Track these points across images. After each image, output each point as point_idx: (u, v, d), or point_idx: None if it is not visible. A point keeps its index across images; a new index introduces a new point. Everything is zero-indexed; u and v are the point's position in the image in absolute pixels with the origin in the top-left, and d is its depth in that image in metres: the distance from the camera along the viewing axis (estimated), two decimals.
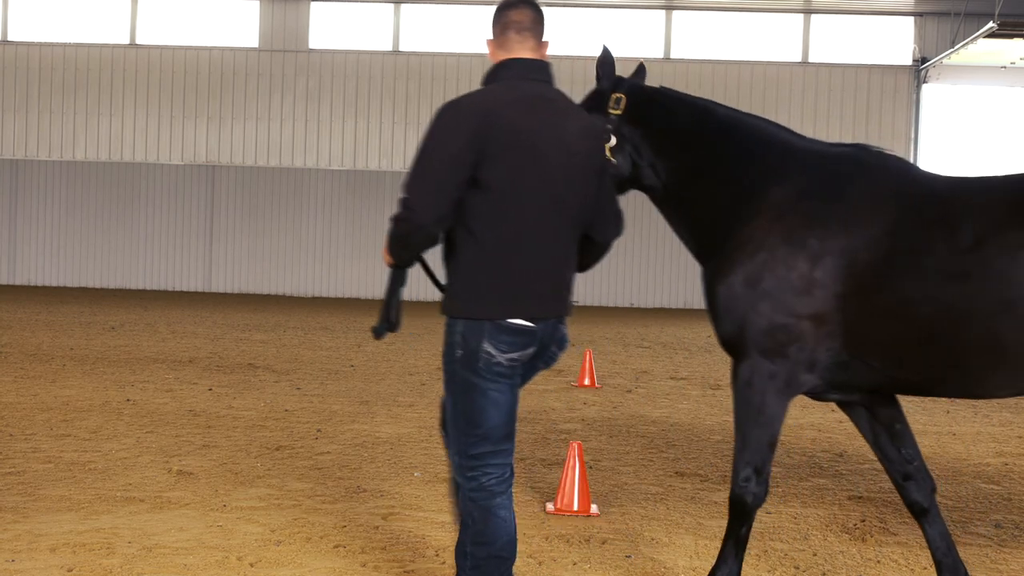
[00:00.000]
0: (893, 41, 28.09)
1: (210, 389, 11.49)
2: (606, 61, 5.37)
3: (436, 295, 4.55)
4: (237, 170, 28.00)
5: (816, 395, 5.11)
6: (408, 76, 27.91)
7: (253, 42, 28.31)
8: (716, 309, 5.06)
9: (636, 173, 5.33)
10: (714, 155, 5.24)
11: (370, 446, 8.68)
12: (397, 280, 4.56)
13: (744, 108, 5.36)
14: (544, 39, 4.53)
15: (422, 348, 16.31)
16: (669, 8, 28.03)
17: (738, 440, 4.98)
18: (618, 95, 5.31)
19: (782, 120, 24.39)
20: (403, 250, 4.43)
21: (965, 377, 4.84)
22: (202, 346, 15.65)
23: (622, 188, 5.32)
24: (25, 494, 6.84)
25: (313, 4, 28.31)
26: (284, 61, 28.00)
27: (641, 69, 5.58)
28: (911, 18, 27.85)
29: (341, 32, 28.30)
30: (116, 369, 12.77)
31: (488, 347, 4.34)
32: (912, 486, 5.20)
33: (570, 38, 28.28)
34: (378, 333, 4.61)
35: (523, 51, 4.48)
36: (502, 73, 4.47)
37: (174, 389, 11.38)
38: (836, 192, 4.97)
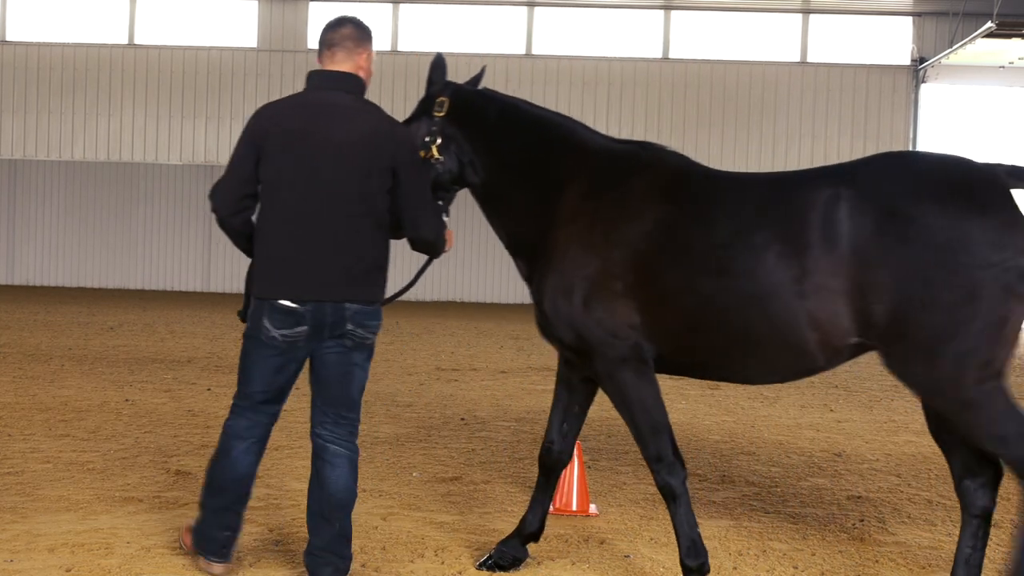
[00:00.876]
0: (891, 41, 28.11)
1: (209, 389, 11.49)
2: (437, 66, 5.72)
3: (436, 295, 4.64)
4: None
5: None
6: (407, 76, 27.88)
7: (251, 42, 28.32)
8: (549, 319, 5.39)
9: (462, 171, 5.67)
10: (520, 154, 5.60)
11: (368, 446, 8.68)
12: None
13: (743, 109, 5.44)
14: (362, 50, 5.21)
15: (420, 348, 16.31)
16: (668, 8, 28.04)
17: (634, 430, 5.37)
18: (442, 99, 5.63)
19: (781, 121, 24.52)
20: (232, 240, 5.34)
21: (727, 365, 5.22)
22: (201, 346, 15.64)
23: (453, 185, 5.70)
24: (24, 494, 6.83)
25: (311, 4, 28.32)
26: (283, 61, 28.00)
27: (481, 72, 5.96)
28: (909, 18, 27.86)
29: None
30: (115, 369, 12.76)
31: (267, 323, 5.09)
32: (551, 448, 5.72)
33: (569, 38, 28.32)
34: (241, 316, 5.38)
35: (331, 64, 5.19)
36: (307, 83, 5.23)
37: (173, 389, 11.37)
38: (618, 189, 5.32)
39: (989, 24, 22.63)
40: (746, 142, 27.35)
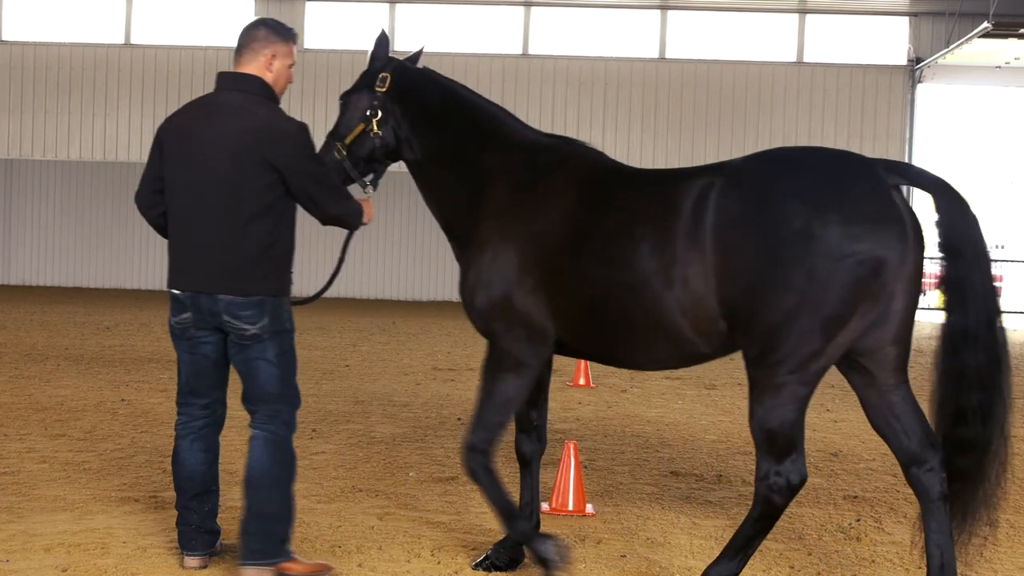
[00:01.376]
0: (888, 41, 28.14)
1: None
2: (381, 44, 5.97)
3: (432, 296, 4.67)
4: None
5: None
6: None
7: None
8: (470, 309, 5.61)
9: (399, 146, 5.87)
10: (454, 139, 5.80)
11: (365, 446, 8.68)
12: None
13: (740, 109, 5.50)
14: (268, 51, 5.40)
15: (416, 348, 16.31)
16: (664, 8, 28.05)
17: (476, 415, 5.55)
18: (384, 74, 5.87)
19: (777, 121, 24.56)
20: (157, 232, 5.63)
21: (619, 351, 5.40)
22: None
23: (387, 159, 5.93)
24: (20, 494, 6.83)
25: (308, 4, 28.32)
26: None
27: (418, 53, 6.15)
28: (906, 18, 27.89)
29: (336, 32, 28.31)
30: (111, 369, 12.75)
31: (169, 312, 5.48)
32: (524, 438, 5.85)
33: (566, 38, 28.32)
34: None
35: (236, 66, 5.43)
36: (215, 86, 5.49)
37: (169, 389, 11.36)
38: (536, 182, 5.54)
39: (985, 24, 22.66)
40: (742, 142, 27.33)
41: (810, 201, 4.75)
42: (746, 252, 4.82)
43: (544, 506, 6.88)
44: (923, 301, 27.21)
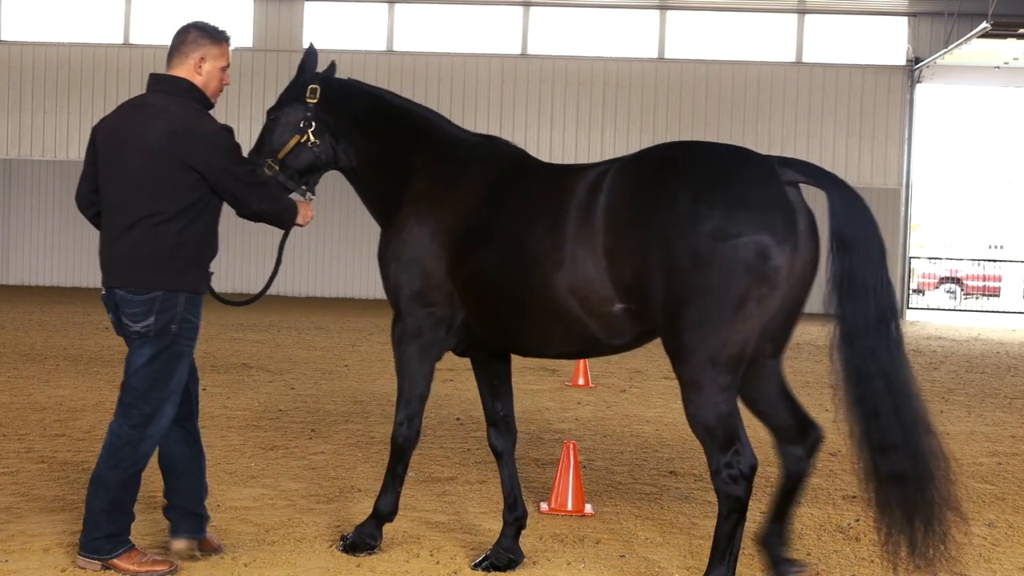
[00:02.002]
0: (887, 41, 28.14)
1: (204, 389, 11.47)
2: (309, 56, 6.08)
3: None
4: None
5: (459, 353, 5.91)
6: (402, 76, 27.89)
7: (247, 42, 28.31)
8: (383, 280, 5.86)
9: (334, 155, 6.02)
10: (384, 141, 5.98)
11: (364, 446, 8.68)
12: None
13: (739, 109, 5.54)
14: (195, 54, 5.61)
15: None
16: (663, 8, 28.05)
17: (398, 391, 5.81)
18: (313, 86, 5.99)
19: (776, 121, 24.55)
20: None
21: (519, 336, 5.53)
22: (196, 346, 15.60)
23: (325, 168, 6.07)
24: (19, 494, 6.82)
25: (307, 4, 28.32)
26: (278, 61, 27.98)
27: (332, 65, 6.27)
28: (905, 18, 27.90)
29: (335, 32, 28.31)
30: (110, 369, 12.75)
31: None
32: (494, 432, 5.97)
33: (565, 39, 28.32)
34: None
35: (169, 69, 5.59)
36: (147, 87, 5.62)
37: None
38: (457, 176, 5.75)
39: (984, 24, 22.67)
40: (741, 142, 27.23)
41: (698, 185, 4.85)
42: (635, 232, 4.93)
43: (543, 506, 6.88)
44: (924, 301, 26.69)
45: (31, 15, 29.08)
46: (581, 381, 12.65)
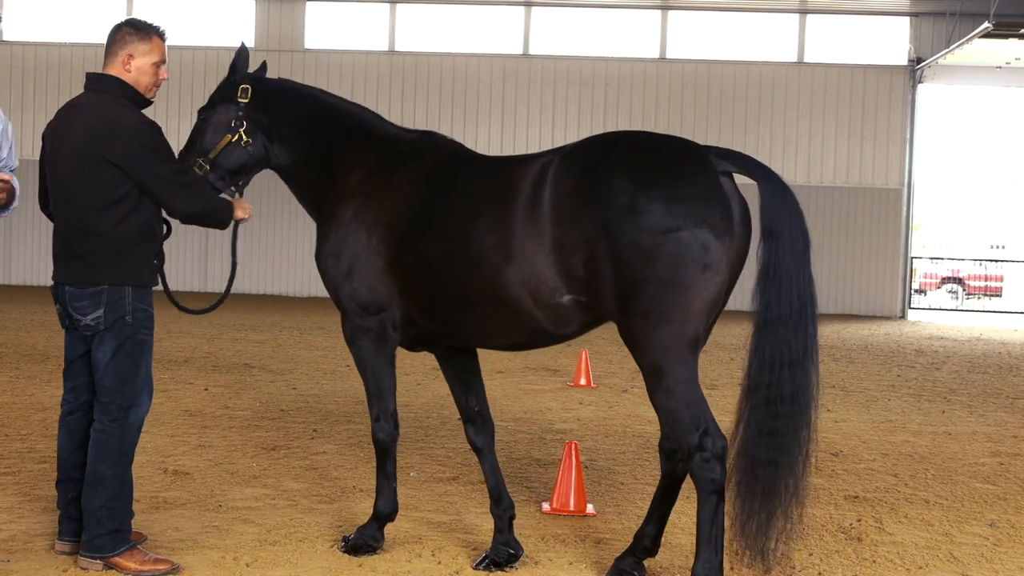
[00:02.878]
0: (889, 41, 28.13)
1: (206, 389, 11.49)
2: (241, 55, 6.09)
3: None
4: None
5: (408, 348, 5.94)
6: (404, 76, 27.90)
7: (249, 42, 28.29)
8: (323, 278, 5.89)
9: (267, 154, 6.07)
10: (318, 139, 6.01)
11: (366, 446, 8.67)
12: None
13: (740, 108, 5.56)
14: (124, 52, 5.58)
15: None
16: (664, 8, 28.04)
17: (365, 388, 5.87)
18: (244, 85, 6.02)
19: (778, 121, 24.54)
20: None
21: (465, 328, 5.59)
22: (198, 346, 15.64)
23: (257, 167, 6.11)
24: (20, 494, 6.83)
25: (309, 4, 28.32)
26: (280, 61, 27.96)
27: (263, 65, 6.31)
28: (906, 18, 27.88)
29: (337, 32, 28.31)
30: None
31: None
32: (471, 428, 6.01)
33: (566, 39, 28.31)
34: None
35: (104, 68, 5.62)
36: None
37: (170, 389, 11.36)
38: (392, 171, 5.79)
39: (986, 24, 22.66)
40: (743, 142, 27.33)
41: (638, 179, 4.98)
42: (580, 226, 5.03)
43: (545, 506, 6.88)
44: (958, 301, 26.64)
45: (33, 15, 29.08)
46: (583, 381, 12.65)
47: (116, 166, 5.37)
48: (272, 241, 27.63)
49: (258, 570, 5.54)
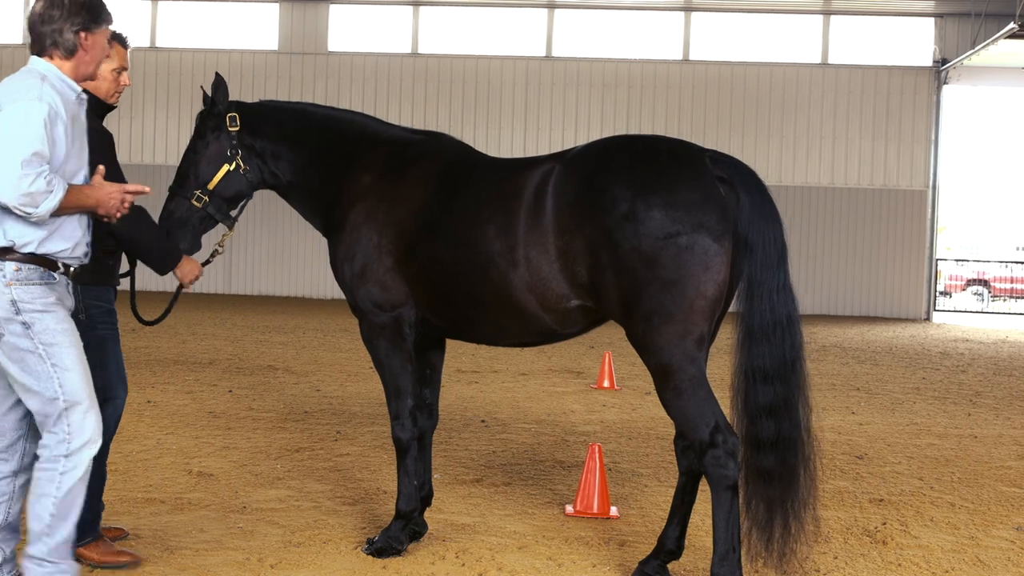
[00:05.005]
0: (913, 42, 27.99)
1: (230, 391, 11.53)
2: (220, 87, 6.10)
3: None
4: None
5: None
6: (427, 78, 27.93)
7: (273, 45, 28.41)
8: (338, 282, 6.00)
9: (262, 177, 6.16)
10: (318, 151, 6.08)
11: (390, 448, 8.68)
12: None
13: (764, 110, 5.57)
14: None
15: None
16: (688, 10, 27.98)
17: (384, 387, 5.98)
18: (232, 114, 6.07)
19: (802, 123, 24.47)
20: None
21: (475, 327, 5.74)
22: (222, 348, 15.70)
23: (251, 192, 6.19)
24: None
25: (332, 7, 28.38)
26: (303, 64, 28.07)
27: (220, 81, 6.15)
28: (931, 19, 27.74)
29: (360, 35, 28.37)
30: (137, 371, 12.80)
31: None
32: (420, 415, 6.10)
33: (589, 41, 28.29)
34: None
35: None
36: None
37: (194, 391, 11.41)
38: (401, 173, 5.88)
39: (1012, 25, 22.52)
40: (767, 144, 27.27)
41: (636, 186, 5.09)
42: (583, 235, 5.15)
43: (568, 508, 6.88)
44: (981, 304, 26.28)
45: None
46: (606, 383, 12.64)
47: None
48: (295, 243, 27.69)
49: (282, 571, 5.56)
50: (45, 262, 4.71)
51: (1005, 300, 34.21)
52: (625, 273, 5.04)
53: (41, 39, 4.76)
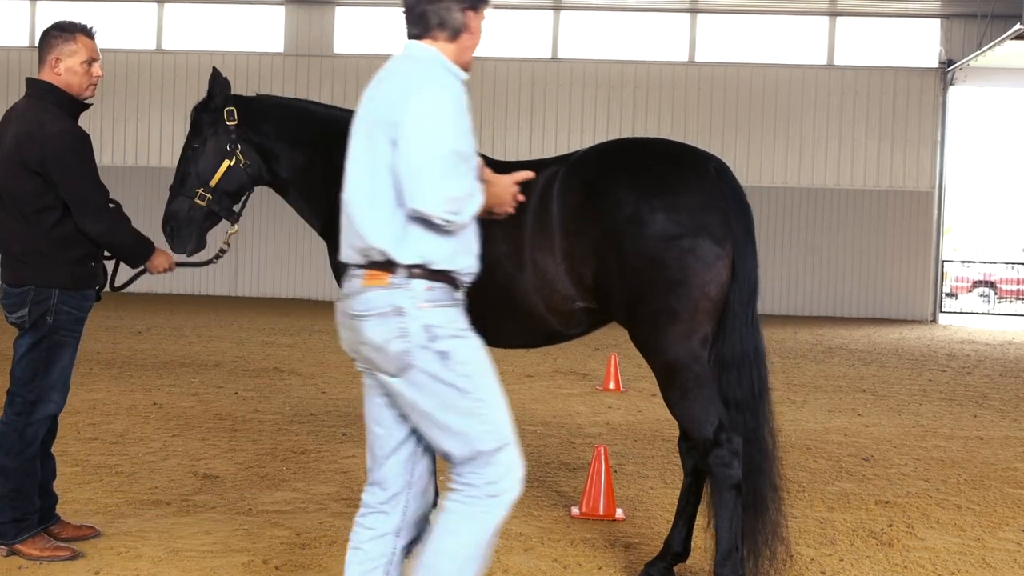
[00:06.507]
0: (919, 43, 27.96)
1: (236, 393, 11.54)
2: (218, 81, 6.07)
3: None
4: None
5: None
6: None
7: (279, 47, 28.44)
8: (339, 285, 5.91)
9: (261, 172, 6.09)
10: (318, 149, 5.98)
11: None
12: None
13: (769, 111, 5.55)
14: (50, 56, 5.63)
15: None
16: (693, 11, 27.98)
17: None
18: (230, 108, 6.03)
19: (808, 124, 24.47)
20: None
21: (482, 328, 5.53)
22: (228, 350, 15.71)
23: (252, 187, 6.14)
24: None
25: (338, 9, 28.41)
26: (310, 66, 28.10)
27: (217, 74, 6.14)
28: (937, 20, 27.71)
29: (366, 37, 28.38)
30: (143, 373, 12.83)
31: None
32: None
33: (595, 42, 28.29)
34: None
35: (39, 74, 5.68)
36: None
37: (200, 393, 11.43)
38: None
39: (1018, 26, 22.49)
40: (772, 145, 27.24)
41: (639, 190, 5.13)
42: (589, 238, 5.18)
43: (574, 510, 6.88)
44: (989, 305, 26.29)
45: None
46: (612, 385, 12.64)
47: (37, 173, 5.46)
48: (300, 245, 27.71)
49: (288, 573, 5.56)
50: (450, 280, 4.04)
51: (1011, 302, 34.16)
52: (630, 275, 5.09)
53: (424, 19, 4.22)
